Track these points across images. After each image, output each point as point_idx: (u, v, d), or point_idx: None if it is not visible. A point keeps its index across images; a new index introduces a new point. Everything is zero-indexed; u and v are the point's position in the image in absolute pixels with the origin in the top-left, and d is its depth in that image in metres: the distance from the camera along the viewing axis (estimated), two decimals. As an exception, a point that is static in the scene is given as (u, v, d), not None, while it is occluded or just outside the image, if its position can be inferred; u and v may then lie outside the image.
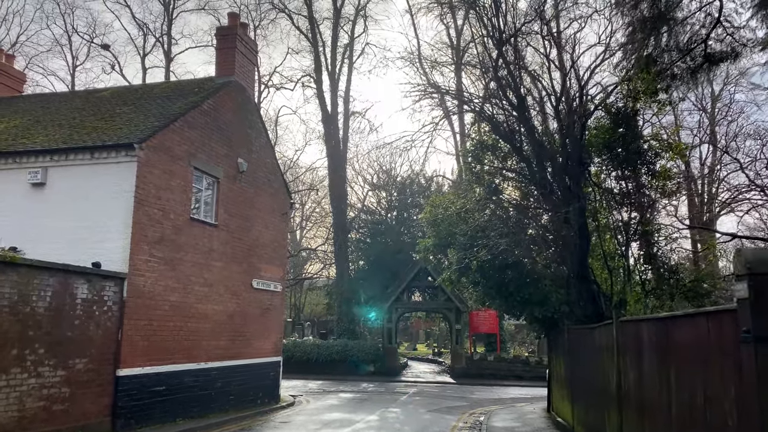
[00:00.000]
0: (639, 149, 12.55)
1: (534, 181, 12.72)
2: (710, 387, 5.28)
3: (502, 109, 13.18)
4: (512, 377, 28.96)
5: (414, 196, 38.46)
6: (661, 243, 12.42)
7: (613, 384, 8.55)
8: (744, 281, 4.56)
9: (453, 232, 14.76)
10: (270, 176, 19.11)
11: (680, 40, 13.07)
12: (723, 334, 5.04)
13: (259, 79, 41.49)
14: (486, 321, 32.02)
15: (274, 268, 18.90)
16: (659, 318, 6.79)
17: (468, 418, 16.70)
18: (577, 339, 11.66)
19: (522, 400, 21.54)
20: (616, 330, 8.39)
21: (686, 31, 13.01)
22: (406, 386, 26.14)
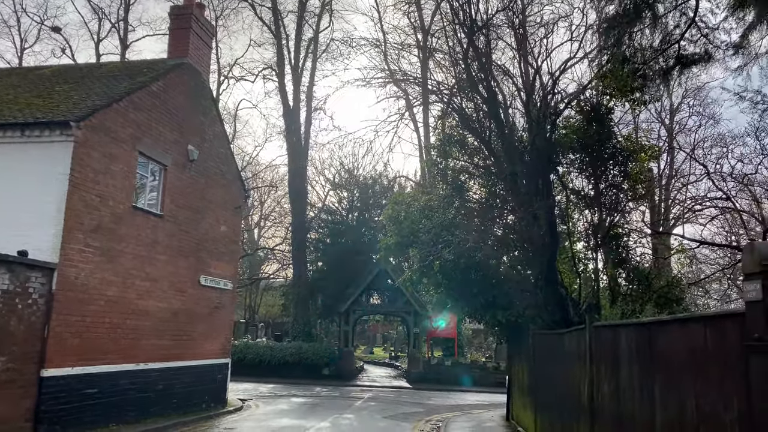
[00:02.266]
0: (611, 149, 12.06)
1: (503, 178, 12.10)
2: (706, 402, 4.62)
3: (472, 102, 12.53)
4: (469, 382, 28.43)
5: (376, 196, 37.69)
6: (630, 247, 11.95)
7: (584, 395, 7.92)
8: (757, 281, 3.91)
9: (416, 230, 14.05)
10: (223, 167, 18.05)
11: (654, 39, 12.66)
12: (725, 342, 4.39)
13: (219, 70, 40.21)
14: (445, 325, 31.42)
15: (224, 265, 17.84)
16: (642, 323, 6.15)
17: (424, 425, 15.98)
18: (544, 345, 11.06)
19: (480, 407, 20.97)
20: (590, 336, 7.76)
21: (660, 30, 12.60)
22: (362, 391, 25.32)
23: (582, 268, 12.19)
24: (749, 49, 12.22)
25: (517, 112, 13.45)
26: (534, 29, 15.27)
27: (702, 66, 12.56)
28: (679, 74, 12.65)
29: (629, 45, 12.87)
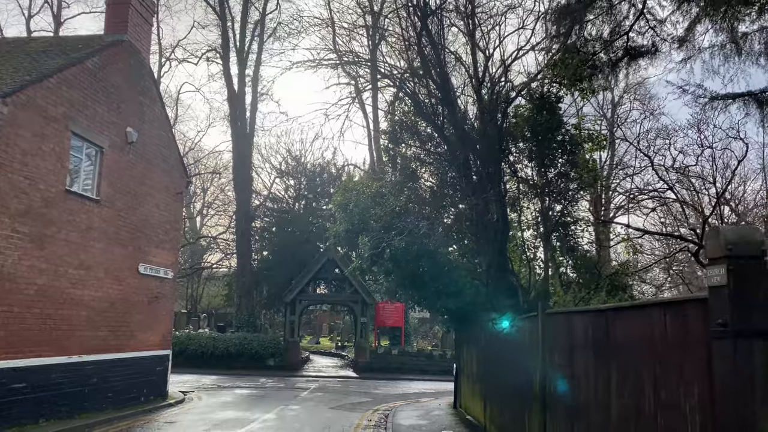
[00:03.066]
0: (560, 138, 12.10)
1: (456, 165, 11.96)
2: (665, 390, 4.56)
3: (425, 88, 12.32)
4: (416, 371, 28.54)
5: (324, 185, 37.20)
6: (578, 235, 12.05)
7: (536, 383, 7.87)
8: (722, 265, 3.82)
9: (366, 217, 13.77)
10: (164, 151, 17.27)
11: (604, 30, 12.75)
12: (686, 328, 4.31)
13: (160, 52, 38.72)
14: (392, 314, 31.42)
15: (165, 253, 17.11)
16: (599, 310, 6.07)
17: (372, 415, 15.81)
18: (494, 332, 11.01)
19: (427, 395, 21.00)
20: (542, 323, 7.70)
21: (611, 21, 12.69)
22: (308, 381, 24.98)
23: (531, 256, 12.21)
24: (693, 42, 12.47)
25: (469, 99, 13.34)
26: (486, 17, 15.19)
27: (649, 58, 12.74)
28: (627, 65, 12.81)
29: (580, 35, 12.93)
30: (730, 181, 15.01)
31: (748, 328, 3.66)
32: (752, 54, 11.91)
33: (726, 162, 15.79)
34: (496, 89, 13.17)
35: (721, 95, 12.31)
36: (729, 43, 11.93)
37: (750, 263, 3.73)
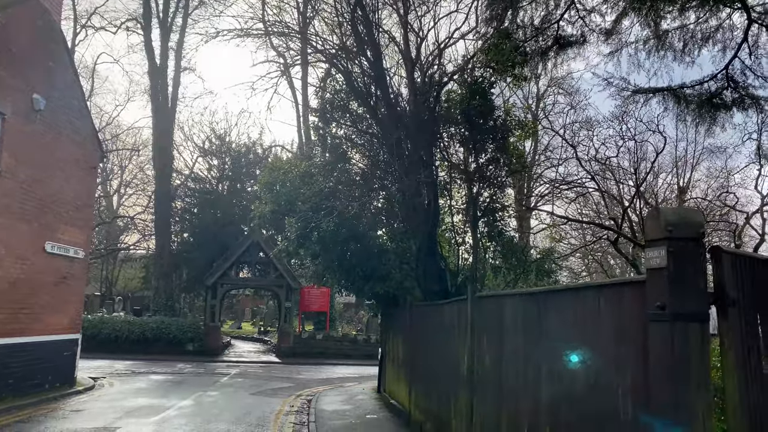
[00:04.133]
0: (492, 123, 12.10)
1: (388, 146, 11.72)
2: (599, 374, 4.51)
3: (359, 66, 11.97)
4: (341, 356, 28.44)
5: (250, 165, 36.12)
6: (506, 221, 12.14)
7: (464, 367, 7.79)
8: (661, 247, 3.75)
9: (294, 198, 13.31)
10: (77, 122, 16.07)
11: (536, 17, 12.83)
12: (622, 311, 4.25)
13: (75, 18, 36.34)
14: (318, 299, 31.05)
15: (75, 231, 15.98)
16: (530, 293, 6.01)
17: (294, 401, 15.50)
18: (422, 317, 10.92)
19: (351, 380, 20.89)
20: (472, 306, 7.61)
21: (543, 8, 12.77)
22: (229, 367, 24.29)
23: (461, 240, 12.20)
24: (620, 35, 12.74)
25: (403, 81, 13.12)
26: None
27: (577, 48, 12.93)
28: (556, 54, 12.95)
29: (513, 20, 12.95)
30: (648, 173, 15.59)
31: (685, 311, 3.61)
32: (673, 50, 12.31)
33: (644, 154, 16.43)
34: (430, 72, 13.01)
35: (643, 89, 12.67)
36: (653, 39, 12.28)
37: (689, 245, 3.68)
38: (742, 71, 11.80)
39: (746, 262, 4.21)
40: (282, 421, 12.43)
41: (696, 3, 11.61)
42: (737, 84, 11.71)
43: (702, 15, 11.73)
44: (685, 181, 22.57)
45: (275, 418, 12.78)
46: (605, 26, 12.41)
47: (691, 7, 11.69)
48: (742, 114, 12.18)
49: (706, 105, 12.06)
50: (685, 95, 12.25)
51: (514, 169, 12.58)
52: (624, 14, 12.29)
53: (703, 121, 12.31)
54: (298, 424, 12.21)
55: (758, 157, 13.07)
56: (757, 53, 11.49)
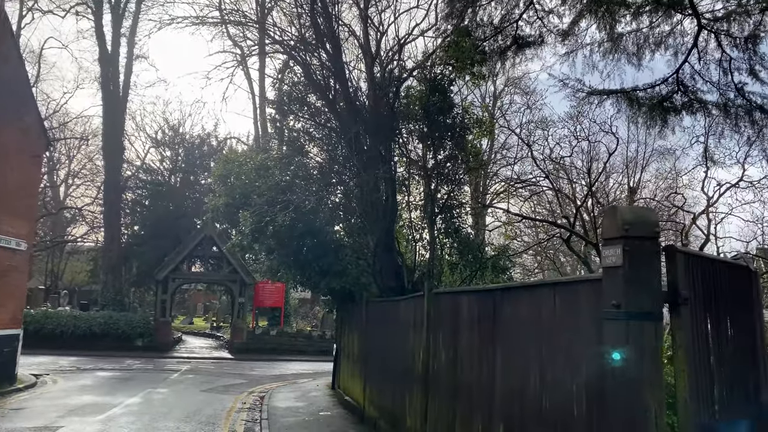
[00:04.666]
0: (451, 120, 12.12)
1: (346, 140, 11.58)
2: (552, 370, 4.52)
3: (318, 59, 11.79)
4: (295, 352, 28.18)
5: (204, 157, 35.37)
6: (463, 218, 12.19)
7: (419, 363, 7.77)
8: (617, 246, 3.77)
9: (249, 191, 13.03)
10: (21, 109, 15.37)
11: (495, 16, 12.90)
12: (577, 309, 4.27)
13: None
14: (273, 294, 30.70)
15: (17, 221, 15.29)
16: (487, 290, 6.01)
17: (247, 397, 15.25)
18: (379, 313, 10.87)
19: (305, 376, 20.73)
20: (428, 303, 7.59)
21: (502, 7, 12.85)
22: (179, 363, 23.76)
23: (418, 236, 12.20)
24: (576, 37, 12.94)
25: (362, 75, 13.01)
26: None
27: (535, 49, 13.07)
28: (514, 54, 13.06)
29: (473, 18, 12.99)
30: (600, 173, 15.92)
31: (640, 310, 3.64)
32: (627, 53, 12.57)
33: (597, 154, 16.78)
34: (390, 67, 12.94)
35: (597, 90, 12.90)
36: (608, 41, 12.51)
37: (645, 244, 3.71)
38: (692, 76, 12.13)
39: (698, 262, 4.30)
40: (233, 419, 12.20)
41: (649, 8, 11.88)
42: (687, 88, 12.04)
43: (655, 20, 12.01)
44: (635, 181, 23.21)
45: (227, 415, 12.54)
46: (562, 27, 12.57)
47: (645, 12, 11.96)
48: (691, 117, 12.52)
49: (657, 108, 12.36)
50: (638, 98, 12.53)
51: (472, 166, 12.64)
52: (581, 16, 12.47)
53: (654, 124, 12.63)
54: (250, 422, 12.00)
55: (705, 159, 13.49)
56: (706, 59, 11.83)
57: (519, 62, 14.11)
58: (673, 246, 4.01)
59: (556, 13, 12.78)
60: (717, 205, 14.22)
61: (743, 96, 11.52)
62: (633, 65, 12.68)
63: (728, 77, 11.43)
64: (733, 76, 11.40)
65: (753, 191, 13.72)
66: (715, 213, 14.33)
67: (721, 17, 11.18)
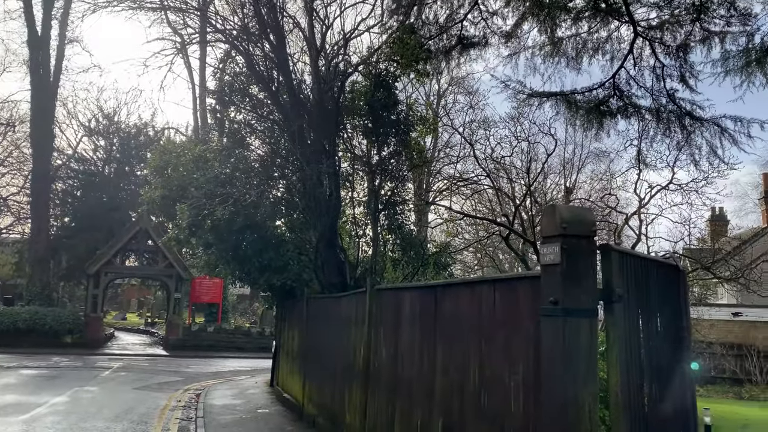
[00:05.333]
0: (395, 117, 12.14)
1: (290, 133, 11.39)
2: (491, 366, 4.58)
3: (261, 50, 11.54)
4: (233, 348, 27.72)
5: (140, 148, 34.20)
6: (406, 215, 12.24)
7: (360, 360, 7.75)
8: (556, 244, 3.84)
9: (187, 183, 12.64)
10: (-60, 89, 14.40)
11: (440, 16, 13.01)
12: (516, 306, 4.34)
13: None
14: (210, 290, 30.03)
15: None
16: (429, 286, 6.04)
17: (182, 395, 14.85)
18: (320, 309, 10.77)
19: (243, 373, 20.40)
20: (370, 299, 7.58)
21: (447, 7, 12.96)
22: (111, 360, 22.91)
23: (361, 232, 12.16)
24: (519, 39, 13.21)
25: (307, 68, 12.84)
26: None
27: (479, 49, 13.26)
28: (459, 54, 13.21)
29: (419, 16, 13.06)
30: (539, 173, 16.31)
31: (577, 306, 3.72)
32: (567, 57, 12.92)
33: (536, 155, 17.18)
34: (335, 61, 12.84)
35: (537, 93, 13.21)
36: (549, 45, 12.83)
37: (582, 243, 3.79)
38: (627, 81, 12.58)
39: (631, 260, 4.44)
40: (167, 417, 11.84)
41: (589, 14, 12.25)
42: (622, 93, 12.49)
43: (594, 25, 12.40)
44: (571, 182, 23.94)
45: (160, 413, 12.16)
46: (506, 29, 12.81)
47: (584, 17, 12.33)
48: (626, 121, 13.00)
49: (594, 111, 12.77)
50: (576, 101, 12.91)
51: (416, 163, 12.70)
52: (524, 19, 12.75)
53: (591, 127, 13.03)
54: (185, 420, 11.68)
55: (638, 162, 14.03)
56: (640, 65, 12.29)
57: (463, 62, 14.30)
58: (608, 245, 4.13)
59: (500, 14, 13.01)
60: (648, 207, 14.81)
61: (674, 102, 12.04)
62: (572, 69, 13.05)
63: (661, 83, 11.93)
64: (665, 83, 11.90)
65: (681, 194, 14.36)
66: (646, 214, 14.92)
67: (656, 26, 11.65)
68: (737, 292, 21.67)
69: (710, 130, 11.75)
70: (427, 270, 10.98)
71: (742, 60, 10.93)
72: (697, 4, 10.82)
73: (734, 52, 11.11)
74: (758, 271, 16.19)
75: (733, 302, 24.77)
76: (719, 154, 11.86)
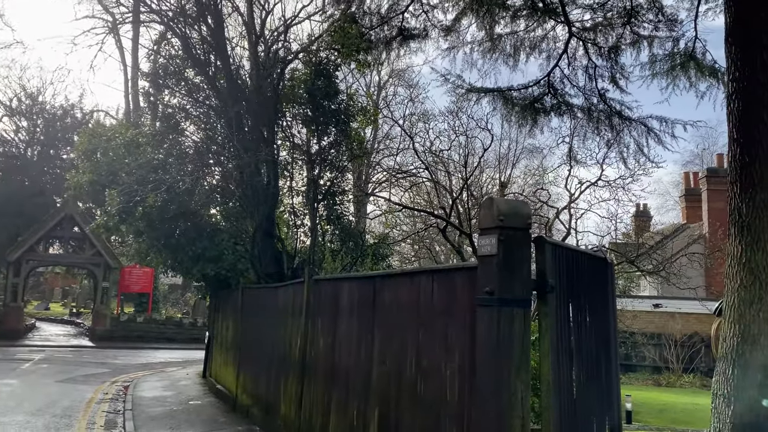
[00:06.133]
0: (336, 106, 12.07)
1: (227, 119, 11.12)
2: (428, 356, 4.64)
3: (198, 33, 11.19)
4: (164, 339, 27.03)
5: (66, 131, 32.60)
6: (345, 205, 12.22)
7: (296, 350, 7.70)
8: (493, 235, 3.93)
9: (117, 169, 12.14)
10: None
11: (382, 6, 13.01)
12: (453, 296, 4.41)
13: None
14: (140, 279, 29.09)
15: None
16: (368, 277, 6.06)
17: (109, 387, 14.34)
18: (256, 299, 10.61)
19: (174, 365, 19.91)
20: (308, 289, 7.53)
21: (389, -3, 12.98)
22: (32, 351, 21.84)
23: (300, 222, 12.05)
24: (459, 33, 13.39)
25: (246, 53, 12.56)
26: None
27: (419, 42, 13.36)
28: (399, 45, 13.26)
29: (360, 5, 13.01)
30: (476, 167, 16.63)
31: (511, 296, 3.82)
32: (504, 54, 13.20)
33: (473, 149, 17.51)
34: (275, 48, 12.63)
35: (476, 88, 13.44)
36: (487, 41, 13.07)
37: (518, 234, 3.89)
38: (562, 80, 12.98)
39: (563, 252, 4.59)
40: (93, 410, 11.40)
41: (527, 12, 12.56)
42: (557, 91, 12.87)
43: (531, 24, 12.71)
44: (506, 176, 24.57)
45: (86, 407, 11.70)
46: (446, 23, 12.95)
47: (522, 16, 12.62)
48: (559, 119, 13.41)
49: (529, 108, 13.11)
50: (512, 98, 13.21)
51: (356, 154, 12.68)
52: (463, 13, 12.92)
53: (525, 123, 13.38)
54: (113, 413, 11.28)
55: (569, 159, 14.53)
56: (574, 65, 12.70)
57: (404, 54, 14.35)
58: (542, 237, 4.25)
59: (441, 8, 13.13)
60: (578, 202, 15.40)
61: (605, 102, 12.52)
62: (509, 66, 13.34)
63: (593, 83, 12.37)
64: (597, 83, 12.35)
65: (609, 190, 15.00)
66: (576, 209, 15.52)
67: (590, 27, 12.06)
68: (658, 284, 22.85)
69: (638, 130, 12.30)
70: (365, 261, 11.00)
71: (668, 64, 11.48)
72: (628, 8, 11.27)
73: (661, 55, 11.66)
74: (678, 264, 17.14)
75: (654, 294, 26.13)
76: (645, 153, 12.44)
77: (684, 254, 17.96)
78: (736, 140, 6.65)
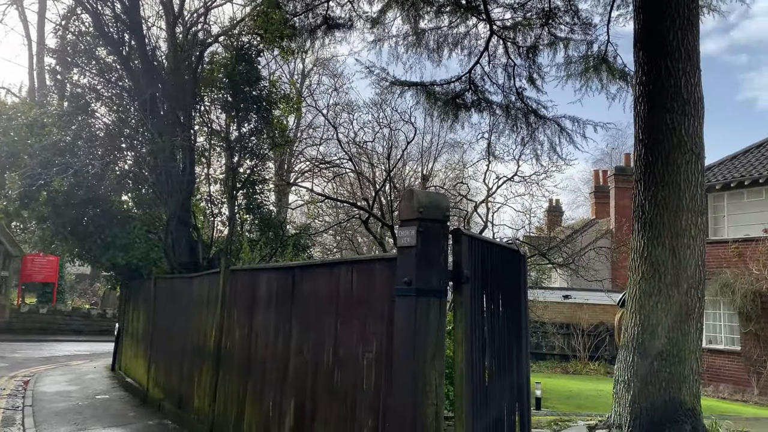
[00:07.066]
0: (257, 93, 11.80)
1: (141, 102, 10.62)
2: (346, 345, 4.64)
3: (111, 9, 10.59)
4: (70, 332, 25.65)
5: (-39, 107, 30.14)
6: (265, 195, 12.00)
7: (211, 342, 7.50)
8: (412, 227, 3.97)
9: (19, 150, 11.33)
10: None
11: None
12: (372, 286, 4.42)
13: None
14: (44, 268, 27.42)
15: None
16: (286, 267, 5.97)
17: (7, 383, 13.46)
18: (169, 290, 10.23)
19: (80, 358, 18.94)
20: (224, 280, 7.35)
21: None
22: None
23: (217, 211, 11.72)
24: (384, 26, 13.43)
25: (163, 34, 12.04)
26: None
27: (344, 32, 13.29)
28: (324, 34, 13.13)
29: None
30: (399, 160, 16.78)
31: (428, 287, 3.87)
32: (428, 49, 13.37)
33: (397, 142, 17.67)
34: (194, 30, 12.19)
35: (400, 81, 13.55)
36: (412, 35, 13.19)
37: (436, 226, 3.95)
38: (482, 77, 13.30)
39: (479, 244, 4.71)
40: (-11, 408, 10.67)
41: (450, 8, 12.76)
42: (477, 88, 13.18)
43: (454, 20, 12.94)
44: (428, 169, 24.98)
45: (-21, 404, 10.93)
46: (372, 15, 12.96)
47: (446, 12, 12.82)
48: (479, 115, 13.75)
49: (451, 103, 13.35)
50: (435, 92, 13.41)
51: (277, 142, 12.46)
52: (389, 6, 12.97)
53: (447, 118, 13.62)
54: (11, 409, 10.59)
55: (488, 154, 14.96)
56: (495, 63, 13.05)
57: (328, 43, 14.24)
58: (459, 229, 4.33)
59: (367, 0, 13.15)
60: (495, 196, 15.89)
61: (522, 100, 12.94)
62: (433, 61, 13.54)
63: (512, 81, 12.75)
64: (516, 81, 12.75)
65: (525, 185, 15.56)
66: (493, 203, 15.99)
67: (510, 26, 12.42)
68: (568, 276, 23.96)
69: (552, 128, 12.81)
70: (285, 251, 10.85)
71: (582, 65, 12.01)
72: (546, 10, 11.68)
73: (576, 57, 12.18)
74: (586, 258, 18.05)
75: (564, 286, 27.38)
76: (558, 151, 12.98)
77: (592, 248, 18.94)
78: (641, 141, 7.05)
